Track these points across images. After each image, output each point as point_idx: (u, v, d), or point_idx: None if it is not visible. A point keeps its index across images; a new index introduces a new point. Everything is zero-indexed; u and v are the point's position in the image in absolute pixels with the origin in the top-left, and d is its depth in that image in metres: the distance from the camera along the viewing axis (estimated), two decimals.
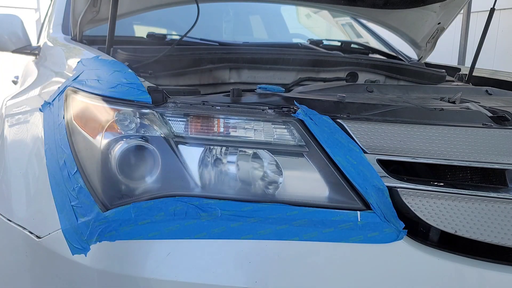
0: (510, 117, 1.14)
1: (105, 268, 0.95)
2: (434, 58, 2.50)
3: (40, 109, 1.23)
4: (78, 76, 1.16)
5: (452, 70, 2.16)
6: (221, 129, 1.01)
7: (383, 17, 2.33)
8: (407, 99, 1.37)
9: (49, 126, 1.15)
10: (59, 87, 1.20)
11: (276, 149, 1.01)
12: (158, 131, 1.00)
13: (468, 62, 2.26)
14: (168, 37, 2.12)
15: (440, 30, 2.23)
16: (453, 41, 3.97)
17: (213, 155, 1.01)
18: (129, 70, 1.09)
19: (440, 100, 1.40)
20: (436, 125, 1.06)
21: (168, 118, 1.01)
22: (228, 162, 1.01)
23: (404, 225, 0.95)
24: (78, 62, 1.24)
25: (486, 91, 1.58)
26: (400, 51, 2.60)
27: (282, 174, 1.00)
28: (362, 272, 0.93)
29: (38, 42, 2.45)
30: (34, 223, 1.07)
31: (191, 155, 1.00)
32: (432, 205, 0.97)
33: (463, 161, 1.01)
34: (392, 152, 1.00)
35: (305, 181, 1.01)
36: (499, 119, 1.13)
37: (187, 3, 2.04)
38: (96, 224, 0.95)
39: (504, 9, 3.82)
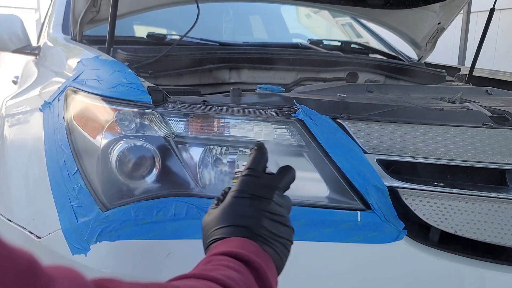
0: (510, 117, 1.14)
1: (105, 269, 0.95)
2: (434, 58, 2.50)
3: (40, 109, 1.23)
4: (78, 76, 1.16)
5: (452, 70, 2.16)
6: (221, 129, 1.01)
7: (383, 17, 2.33)
8: (407, 99, 1.37)
9: (49, 126, 1.15)
10: (59, 87, 1.20)
11: (276, 149, 1.01)
12: (158, 131, 1.00)
13: (468, 62, 2.26)
14: (168, 37, 2.12)
15: (440, 30, 2.23)
16: (453, 41, 3.97)
17: (213, 155, 1.01)
18: (129, 70, 1.09)
19: (440, 100, 1.40)
20: (436, 125, 1.06)
21: (168, 118, 1.00)
22: (228, 162, 1.01)
23: (404, 225, 0.95)
24: (78, 62, 1.24)
25: (486, 91, 1.58)
26: (400, 51, 2.60)
27: None
28: (362, 272, 0.93)
29: (38, 42, 2.45)
30: (34, 223, 1.07)
31: (191, 155, 1.00)
32: (432, 205, 0.97)
33: (463, 161, 1.01)
34: (392, 152, 1.00)
35: (305, 181, 1.01)
36: (499, 119, 1.12)
37: (187, 3, 2.04)
38: (96, 224, 0.95)
39: (504, 9, 3.82)
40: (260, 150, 0.75)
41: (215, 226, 0.68)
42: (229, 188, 0.73)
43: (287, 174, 0.75)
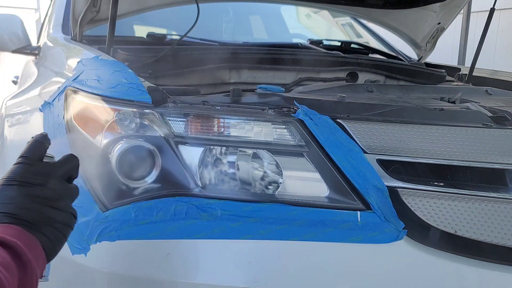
0: (510, 117, 1.14)
1: (105, 268, 0.95)
2: (434, 58, 2.50)
3: (40, 109, 1.23)
4: (78, 76, 1.16)
5: (452, 70, 2.16)
6: (221, 129, 1.01)
7: (383, 17, 2.33)
8: (407, 99, 1.37)
9: (49, 126, 1.15)
10: (59, 87, 1.20)
11: (276, 149, 1.01)
12: (158, 131, 1.00)
13: (468, 62, 2.26)
14: (168, 37, 2.11)
15: (440, 30, 2.23)
16: (453, 41, 3.97)
17: (213, 155, 1.01)
18: (129, 70, 1.09)
19: (440, 100, 1.40)
20: (436, 125, 1.06)
21: (168, 118, 1.00)
22: (228, 162, 1.01)
23: (404, 225, 0.95)
24: (78, 62, 1.24)
25: (486, 91, 1.58)
26: (400, 51, 2.60)
27: (282, 174, 1.00)
28: (362, 272, 0.93)
29: (38, 42, 2.45)
30: None
31: (191, 155, 1.00)
32: (432, 205, 0.97)
33: (463, 161, 1.01)
34: (392, 152, 1.00)
35: (305, 181, 1.01)
36: (499, 119, 1.12)
37: (187, 3, 2.04)
38: (96, 224, 0.95)
39: (504, 9, 3.82)
40: (37, 140, 0.77)
41: None
42: None
43: (67, 162, 0.77)
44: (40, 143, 0.76)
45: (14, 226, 0.66)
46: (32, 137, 0.77)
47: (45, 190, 0.70)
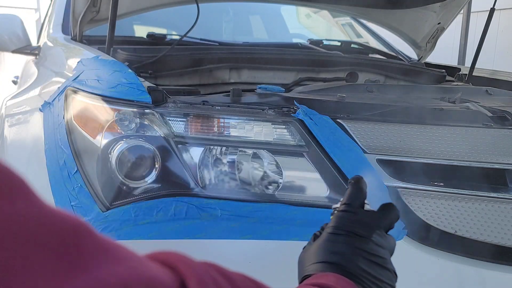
0: (510, 117, 1.14)
1: None
2: (434, 58, 2.50)
3: (40, 109, 1.23)
4: (78, 76, 1.16)
5: (452, 70, 2.16)
6: (221, 129, 1.01)
7: (383, 17, 2.33)
8: (407, 99, 1.37)
9: (49, 126, 1.15)
10: (59, 87, 1.20)
11: (276, 149, 1.01)
12: (158, 131, 1.00)
13: (468, 62, 2.26)
14: (168, 37, 2.12)
15: (440, 30, 2.23)
16: (453, 41, 3.97)
17: (213, 155, 1.01)
18: (129, 70, 1.09)
19: (440, 100, 1.40)
20: (436, 125, 1.06)
21: (168, 118, 1.00)
22: (228, 162, 1.01)
23: (404, 225, 0.95)
24: (78, 62, 1.24)
25: (486, 91, 1.58)
26: (400, 51, 2.60)
27: (282, 174, 1.00)
28: None
29: (38, 42, 2.45)
30: None
31: (191, 155, 1.00)
32: (432, 205, 0.97)
33: (463, 161, 1.01)
34: (392, 152, 1.00)
35: (305, 181, 1.01)
36: (499, 119, 1.12)
37: (187, 3, 2.04)
38: (96, 224, 0.95)
39: (504, 9, 3.82)
40: (356, 185, 0.70)
41: (308, 263, 0.65)
42: (327, 224, 0.69)
43: (389, 213, 0.70)
44: (360, 189, 0.70)
45: (347, 280, 0.60)
46: (350, 181, 0.71)
47: (370, 243, 0.64)
